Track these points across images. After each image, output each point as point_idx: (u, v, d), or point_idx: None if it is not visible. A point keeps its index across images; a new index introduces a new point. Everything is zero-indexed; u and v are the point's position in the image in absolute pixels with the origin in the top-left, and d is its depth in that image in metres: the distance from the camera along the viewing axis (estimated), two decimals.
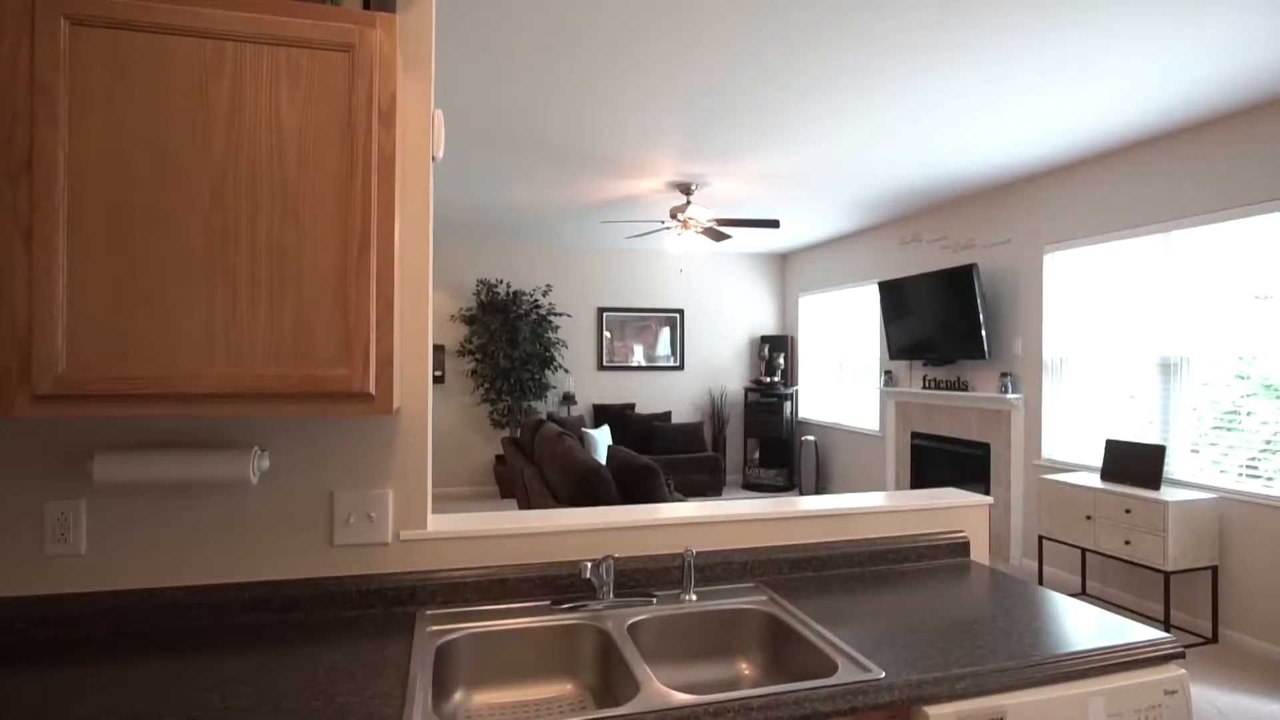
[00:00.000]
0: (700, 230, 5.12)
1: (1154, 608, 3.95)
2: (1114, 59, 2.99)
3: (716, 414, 7.98)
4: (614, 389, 7.85)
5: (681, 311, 8.04)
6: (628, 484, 3.56)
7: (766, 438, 7.70)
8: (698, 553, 1.75)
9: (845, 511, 1.89)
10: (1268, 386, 3.48)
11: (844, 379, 7.26)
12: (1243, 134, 3.59)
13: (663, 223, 5.09)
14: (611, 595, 1.58)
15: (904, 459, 6.15)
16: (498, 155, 4.37)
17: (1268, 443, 3.48)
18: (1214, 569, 3.63)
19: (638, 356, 7.96)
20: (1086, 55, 2.95)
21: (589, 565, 1.45)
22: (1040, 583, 4.31)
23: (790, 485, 7.61)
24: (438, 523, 1.65)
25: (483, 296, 7.26)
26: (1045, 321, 4.79)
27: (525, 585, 1.62)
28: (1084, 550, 3.98)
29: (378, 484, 1.56)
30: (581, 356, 7.74)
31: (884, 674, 1.24)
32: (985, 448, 5.23)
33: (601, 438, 6.27)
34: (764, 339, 8.01)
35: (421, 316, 1.59)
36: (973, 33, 2.75)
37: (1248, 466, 3.58)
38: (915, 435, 6.01)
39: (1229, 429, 3.66)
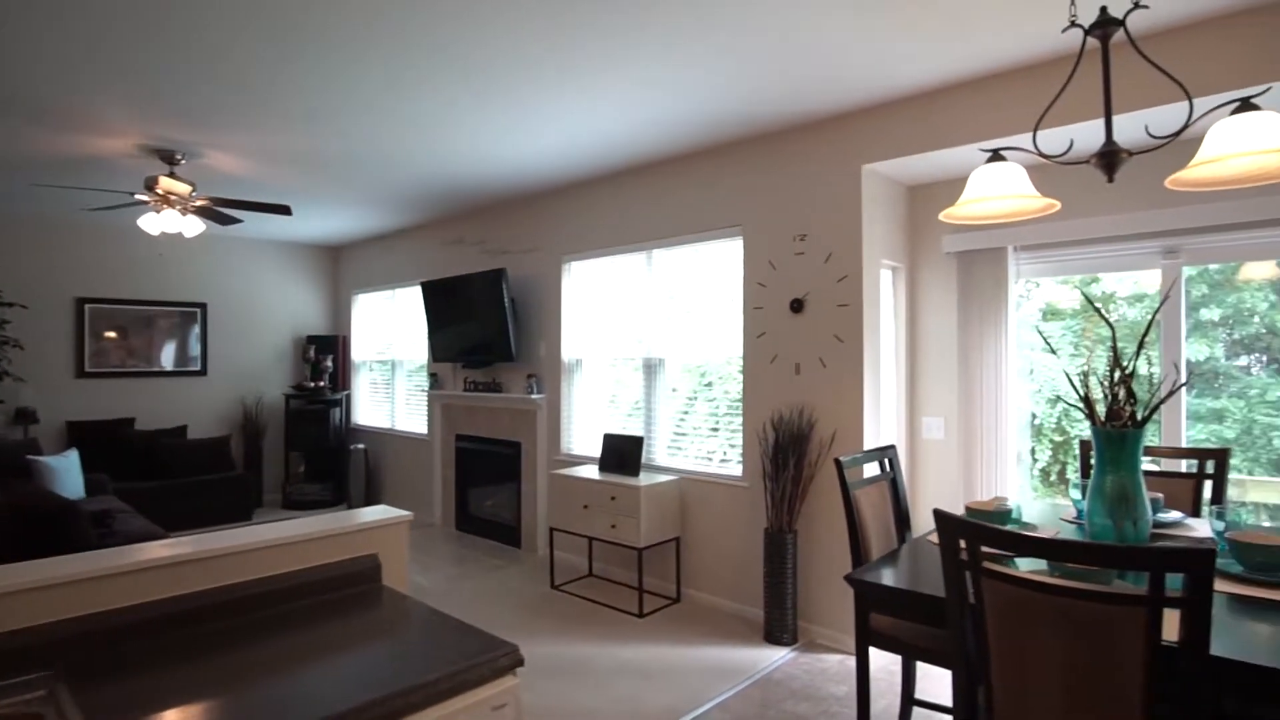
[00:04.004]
0: (192, 209, 4.28)
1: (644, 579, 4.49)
2: (610, 94, 3.27)
3: (250, 425, 6.94)
4: (104, 401, 6.25)
5: (204, 306, 6.80)
6: (31, 535, 2.69)
7: (312, 449, 6.97)
8: None
9: (210, 554, 1.56)
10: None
11: (397, 382, 6.96)
12: (704, 171, 4.27)
13: (133, 195, 4.11)
14: None
15: (450, 462, 6.11)
16: None
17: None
18: (677, 540, 4.28)
19: (158, 359, 6.50)
20: (589, 87, 3.14)
21: None
22: (551, 571, 4.59)
23: (340, 499, 7.01)
24: None
25: None
26: (564, 325, 5.16)
27: None
28: (589, 537, 4.32)
29: None
30: (51, 360, 5.98)
31: None
32: (517, 446, 5.44)
33: (66, 467, 4.88)
34: (311, 339, 7.25)
35: None
36: (487, 50, 2.68)
37: (730, 447, 4.23)
38: (460, 437, 6.00)
39: (732, 415, 4.28)
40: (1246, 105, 1.69)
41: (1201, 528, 2.33)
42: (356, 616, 1.59)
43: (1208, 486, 2.72)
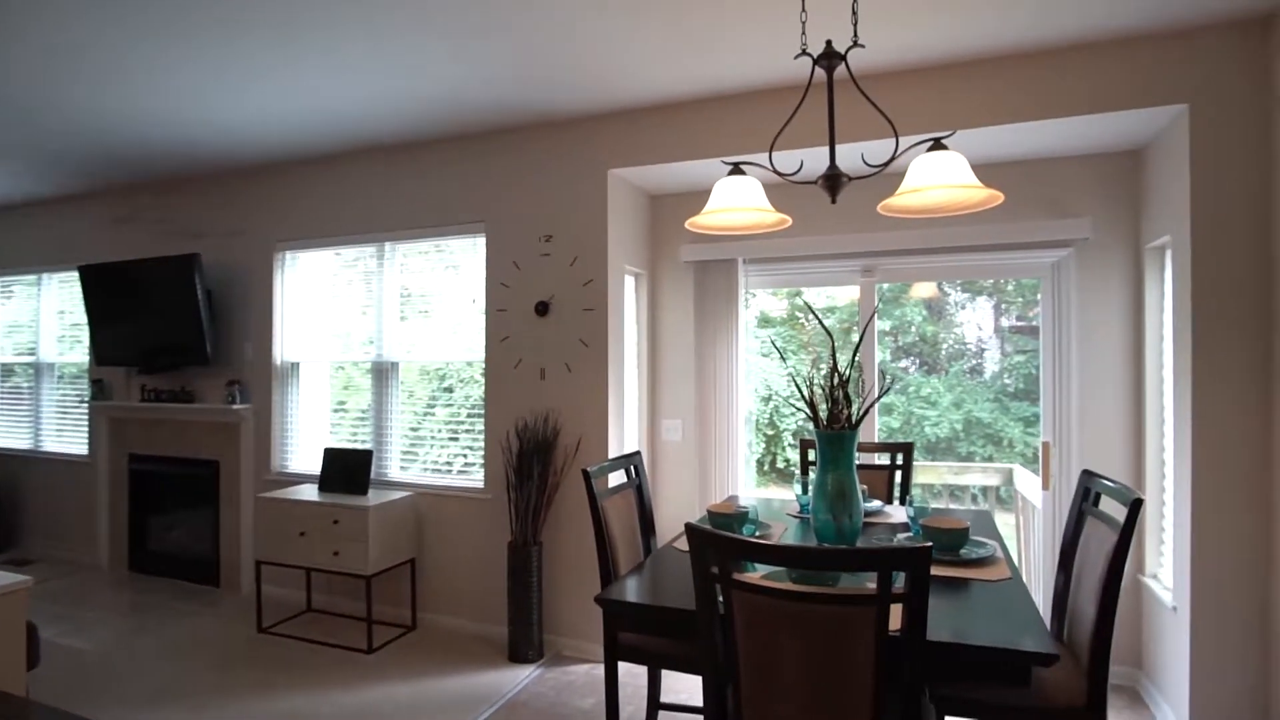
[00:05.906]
0: None
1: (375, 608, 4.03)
2: (348, 62, 2.86)
3: None
4: None
5: None
6: None
7: None
8: None
9: None
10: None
11: (44, 391, 5.51)
12: (447, 161, 3.93)
13: None
14: None
15: (121, 488, 4.98)
16: None
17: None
18: (412, 561, 3.91)
19: None
20: (318, 51, 2.65)
21: None
22: (259, 611, 3.90)
23: None
24: None
25: None
26: (278, 324, 4.46)
27: None
28: (307, 568, 3.75)
29: None
30: None
31: None
32: (214, 466, 4.60)
33: None
34: None
35: None
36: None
37: (471, 455, 3.94)
38: (135, 458, 4.92)
39: (475, 419, 3.97)
40: (938, 145, 1.91)
41: (898, 514, 2.65)
42: None
43: (899, 475, 3.14)
